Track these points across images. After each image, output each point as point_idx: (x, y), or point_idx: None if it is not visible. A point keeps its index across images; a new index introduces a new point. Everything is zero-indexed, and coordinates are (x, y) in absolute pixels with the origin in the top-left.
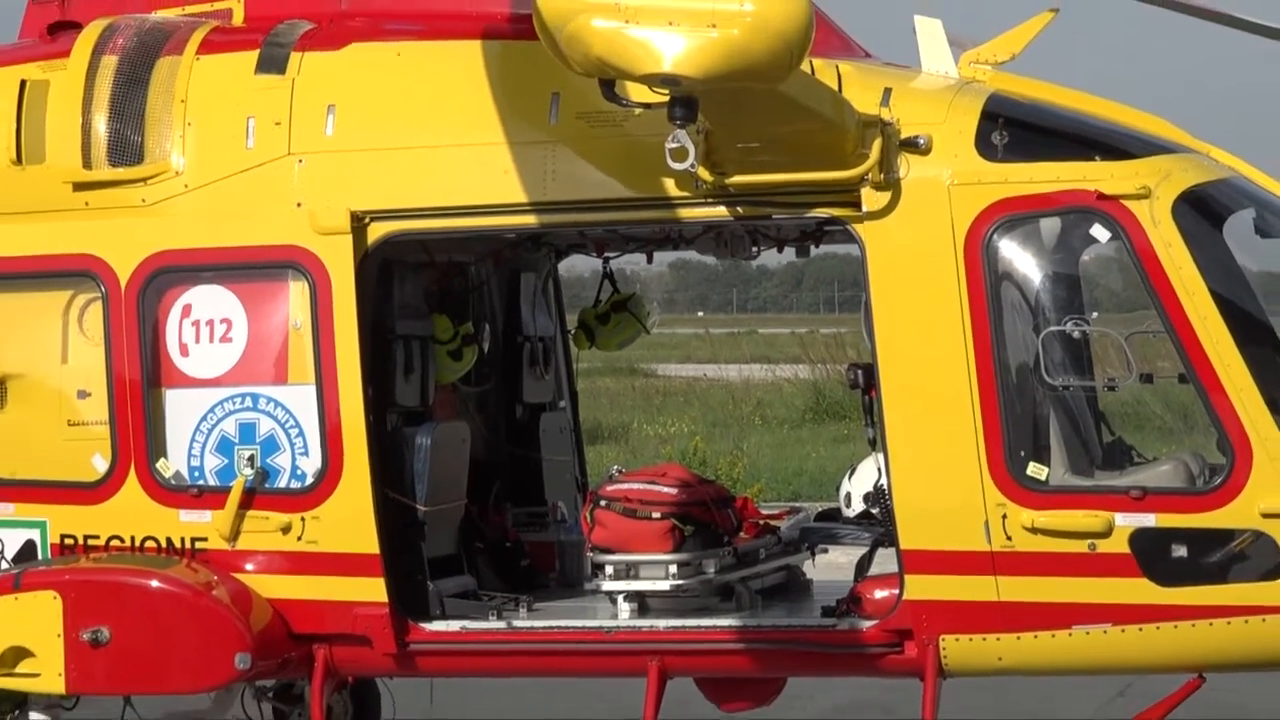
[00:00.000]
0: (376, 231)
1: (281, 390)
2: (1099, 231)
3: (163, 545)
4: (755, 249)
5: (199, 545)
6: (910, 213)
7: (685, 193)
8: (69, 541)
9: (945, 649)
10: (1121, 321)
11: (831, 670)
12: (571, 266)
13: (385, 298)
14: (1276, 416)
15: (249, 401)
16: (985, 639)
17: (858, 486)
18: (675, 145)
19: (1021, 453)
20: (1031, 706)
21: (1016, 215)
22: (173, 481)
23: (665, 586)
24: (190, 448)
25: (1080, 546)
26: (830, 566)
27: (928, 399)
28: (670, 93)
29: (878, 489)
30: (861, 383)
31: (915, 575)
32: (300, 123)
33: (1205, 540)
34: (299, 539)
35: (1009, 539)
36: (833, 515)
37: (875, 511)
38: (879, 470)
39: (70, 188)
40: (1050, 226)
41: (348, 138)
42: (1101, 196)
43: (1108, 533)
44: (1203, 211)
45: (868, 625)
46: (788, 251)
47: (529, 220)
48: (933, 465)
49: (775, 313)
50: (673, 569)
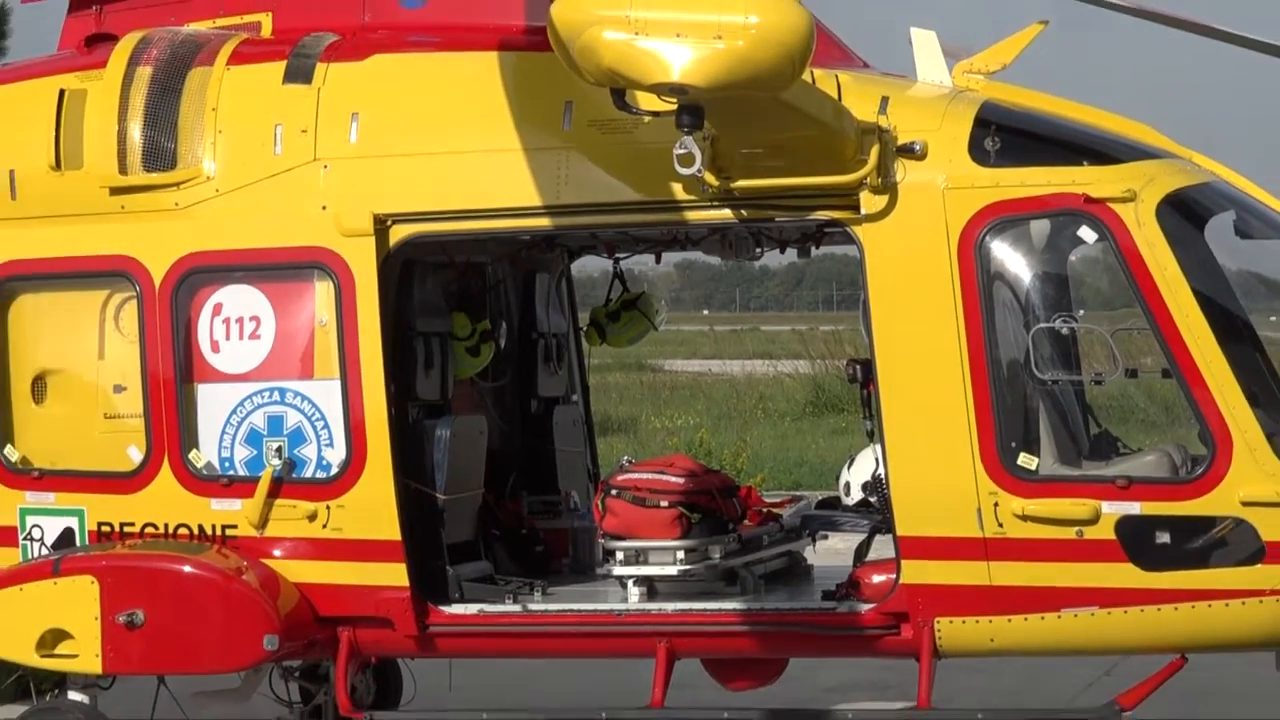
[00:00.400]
0: (398, 233)
1: (308, 385)
2: (1086, 233)
3: (195, 532)
4: (758, 250)
5: (229, 532)
6: (906, 215)
7: (692, 196)
8: (106, 529)
9: (940, 631)
10: (1108, 319)
11: (831, 651)
12: (583, 267)
13: (406, 296)
14: (1255, 410)
15: (277, 395)
16: (978, 621)
17: (856, 476)
18: (683, 151)
19: (1012, 444)
20: (1021, 686)
21: (1008, 217)
22: (204, 472)
23: (673, 571)
24: (221, 439)
25: (1068, 533)
26: (830, 552)
27: (923, 392)
28: (678, 101)
29: (875, 478)
30: (860, 377)
31: (911, 560)
32: (325, 130)
33: (1188, 527)
34: (324, 526)
35: (1000, 526)
36: (832, 503)
37: (873, 500)
38: (876, 460)
39: (107, 192)
40: (1040, 228)
41: (371, 144)
42: (1089, 200)
43: (1095, 520)
44: (1185, 214)
45: (866, 608)
46: (789, 252)
47: (543, 222)
48: (928, 455)
49: (777, 311)
50: (680, 555)
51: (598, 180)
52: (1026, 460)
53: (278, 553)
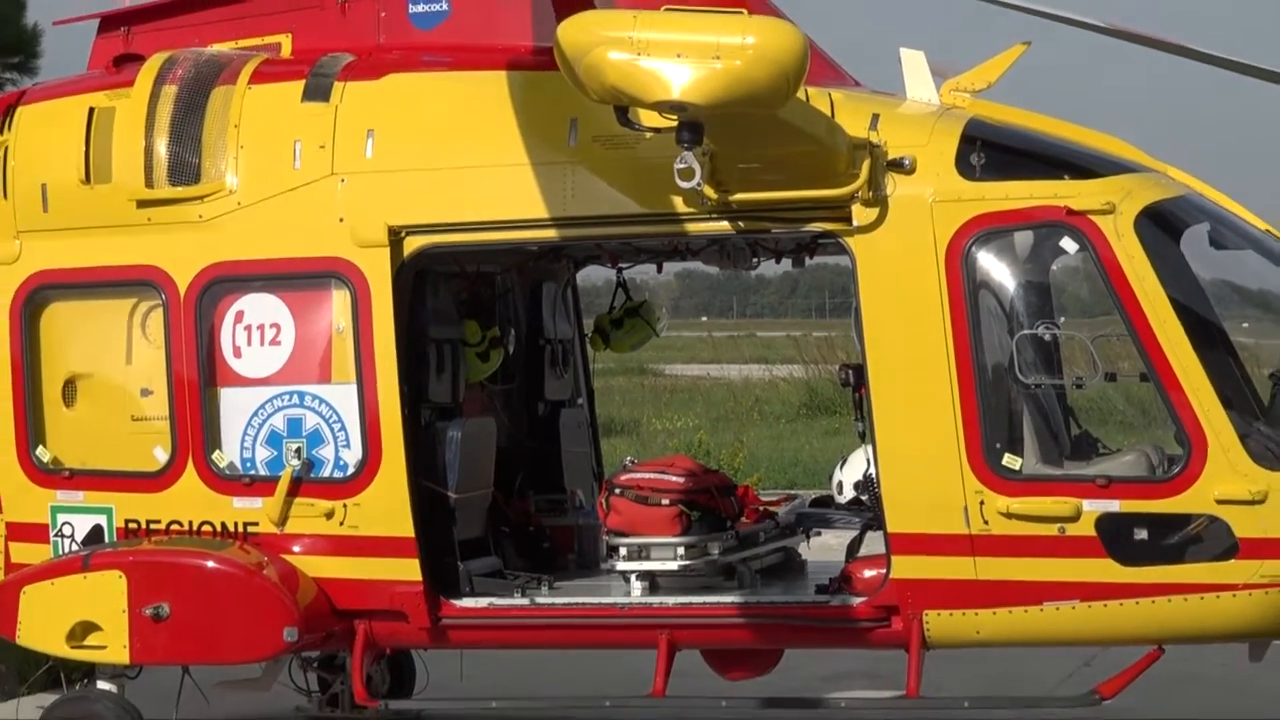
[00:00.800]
0: (412, 244)
1: (325, 388)
2: (1068, 244)
3: (218, 529)
4: (755, 260)
5: (250, 529)
6: (896, 227)
7: (692, 209)
8: (133, 526)
9: (928, 623)
10: (1088, 326)
11: (825, 643)
12: (588, 276)
13: (420, 304)
14: (1229, 412)
15: (296, 399)
16: (965, 614)
17: (848, 475)
18: (683, 166)
19: (997, 444)
20: (1006, 676)
21: (993, 229)
22: (227, 471)
23: (674, 567)
24: (243, 441)
25: (1051, 530)
26: (823, 548)
27: (912, 396)
28: (678, 118)
29: (867, 478)
30: (852, 381)
31: (901, 556)
32: (342, 146)
33: (1164, 524)
34: (341, 524)
35: (986, 523)
36: (826, 502)
37: (864, 498)
38: (868, 461)
39: (134, 205)
40: (1024, 239)
41: (386, 159)
42: (1070, 212)
43: (1076, 517)
44: (1162, 226)
45: (858, 602)
46: (784, 262)
47: (550, 234)
48: (917, 456)
49: (772, 318)
50: (680, 551)
51: (602, 193)
52: (1011, 460)
53: (297, 549)
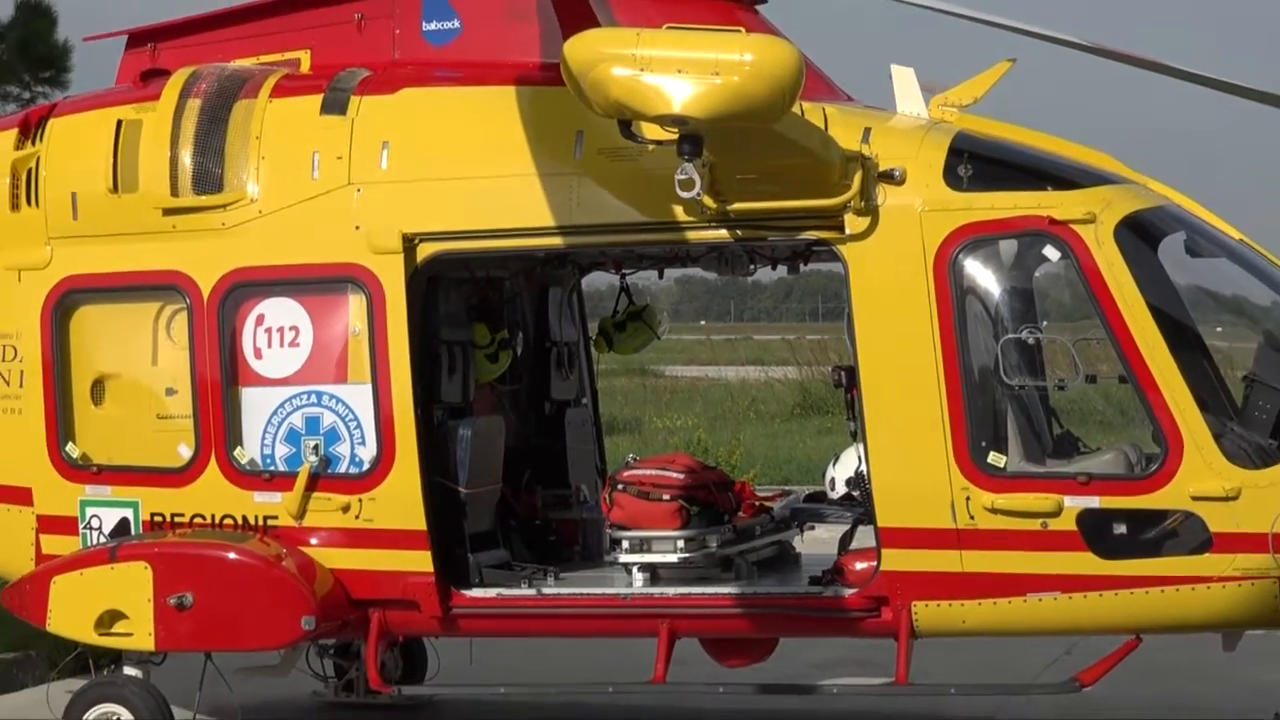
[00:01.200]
0: (424, 251)
1: (342, 388)
2: (1050, 252)
3: (239, 522)
4: (751, 266)
5: (270, 522)
6: (887, 235)
7: (692, 218)
8: (158, 519)
9: (916, 613)
10: (1070, 330)
11: (818, 631)
12: (592, 281)
13: (432, 308)
14: (1204, 413)
15: (314, 398)
16: (951, 605)
17: (841, 472)
18: (683, 177)
19: (983, 443)
20: (990, 663)
21: (979, 238)
22: (248, 467)
23: (674, 559)
24: (263, 438)
25: (1034, 525)
26: (817, 542)
27: (902, 396)
28: (679, 131)
29: (858, 474)
30: (844, 382)
31: (891, 549)
32: (359, 157)
33: (1142, 519)
34: (357, 517)
35: (972, 518)
36: (819, 497)
37: (856, 494)
38: (859, 458)
39: (160, 213)
40: (1008, 247)
41: (400, 170)
42: (1053, 221)
43: (1057, 513)
44: (1140, 235)
45: (849, 593)
46: (779, 268)
47: (556, 241)
48: (906, 453)
49: (768, 322)
50: (680, 544)
51: (606, 203)
52: (996, 458)
53: (314, 541)
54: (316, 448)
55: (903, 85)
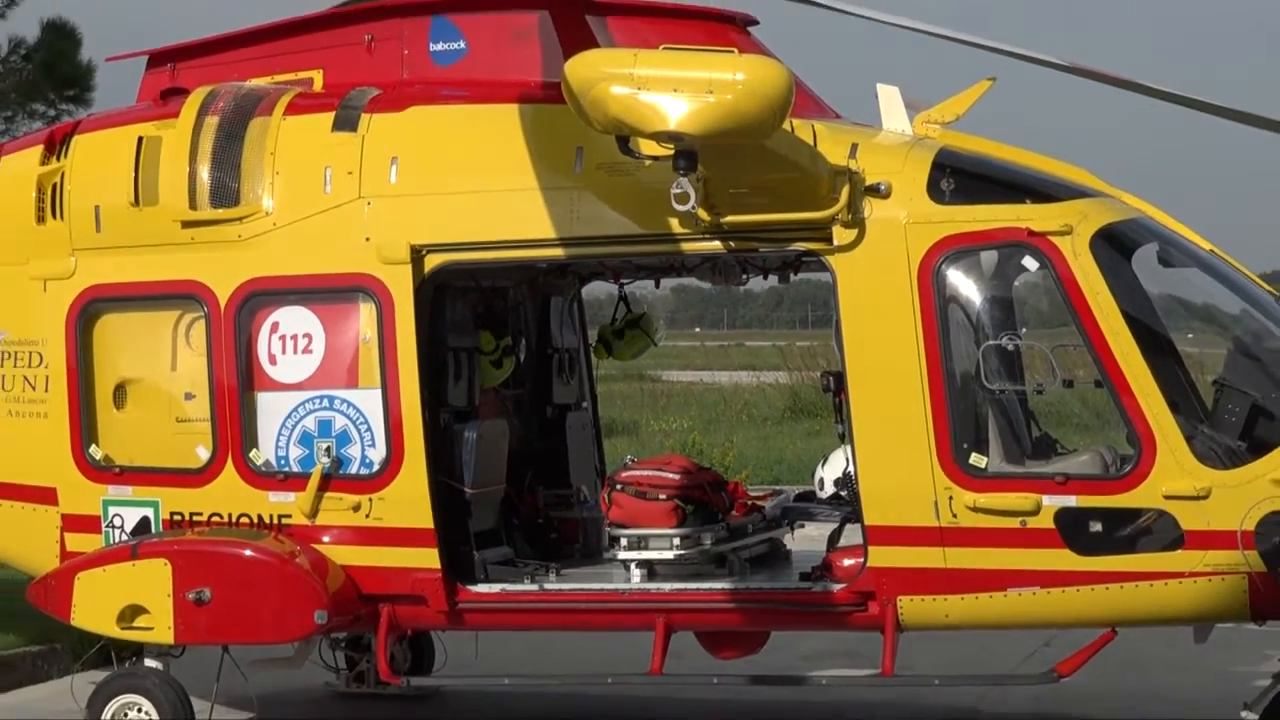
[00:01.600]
0: (432, 261)
1: (353, 393)
2: (1029, 262)
3: (254, 521)
4: (744, 276)
5: (284, 521)
6: (873, 246)
7: (687, 230)
8: (177, 518)
9: (902, 608)
10: (1047, 336)
11: (807, 625)
12: (592, 290)
13: (439, 316)
14: (1175, 415)
15: (326, 402)
16: (935, 599)
17: (829, 473)
18: (679, 190)
19: (965, 445)
20: (972, 655)
21: (961, 249)
22: (263, 469)
23: (670, 556)
24: (277, 440)
25: (1013, 523)
26: (806, 539)
27: (888, 400)
28: (675, 147)
29: (846, 475)
30: (832, 387)
31: (877, 546)
32: (369, 172)
33: (1117, 518)
34: (367, 516)
35: (954, 516)
36: (808, 497)
37: (844, 494)
38: (847, 459)
39: (179, 225)
40: (989, 258)
41: (408, 184)
42: (1032, 233)
43: (1036, 511)
44: (1115, 245)
45: (837, 588)
46: (771, 278)
47: (557, 252)
48: (892, 455)
49: (759, 329)
50: (676, 541)
51: (605, 216)
52: (977, 459)
53: (326, 539)
54: (329, 450)
55: (888, 103)
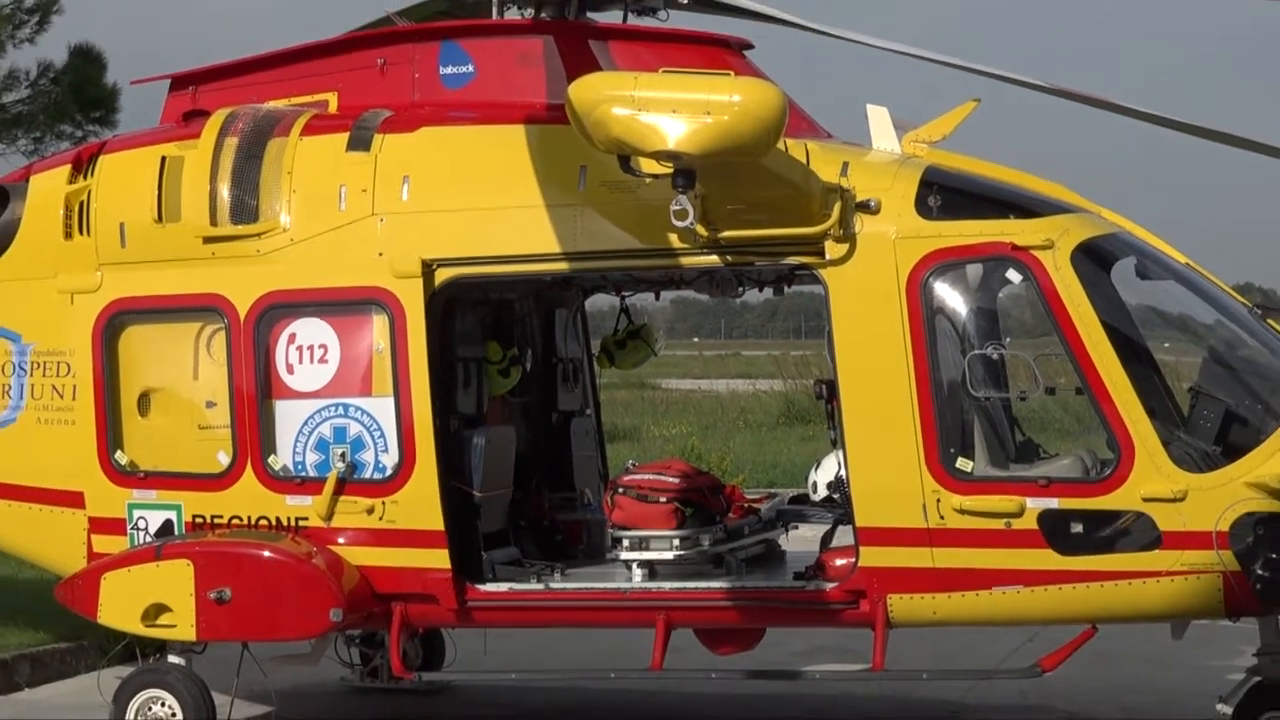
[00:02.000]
0: (442, 275)
1: (367, 401)
2: (1013, 275)
3: (273, 524)
4: (740, 289)
5: (301, 523)
6: (863, 260)
7: (685, 245)
8: (199, 520)
9: (892, 605)
10: (1030, 346)
11: (801, 622)
12: (595, 303)
13: (449, 327)
14: (1153, 421)
15: (341, 410)
16: (923, 597)
17: (822, 476)
18: (678, 207)
19: (952, 450)
20: (959, 651)
21: (948, 262)
22: (281, 473)
23: (670, 556)
24: (295, 446)
25: (998, 524)
26: (800, 540)
27: (878, 407)
28: (674, 166)
29: (838, 478)
30: (825, 394)
31: (868, 547)
32: (382, 190)
33: (1097, 519)
34: (380, 519)
35: (942, 518)
36: (802, 499)
37: (836, 496)
38: (839, 464)
39: (200, 241)
40: (974, 271)
41: (420, 201)
42: (1015, 247)
43: (1020, 513)
44: (1095, 259)
45: (830, 587)
46: (766, 290)
47: (562, 266)
48: (882, 459)
49: (755, 339)
50: (676, 542)
51: (607, 231)
52: (964, 464)
53: (341, 540)
54: (344, 455)
55: (877, 123)
